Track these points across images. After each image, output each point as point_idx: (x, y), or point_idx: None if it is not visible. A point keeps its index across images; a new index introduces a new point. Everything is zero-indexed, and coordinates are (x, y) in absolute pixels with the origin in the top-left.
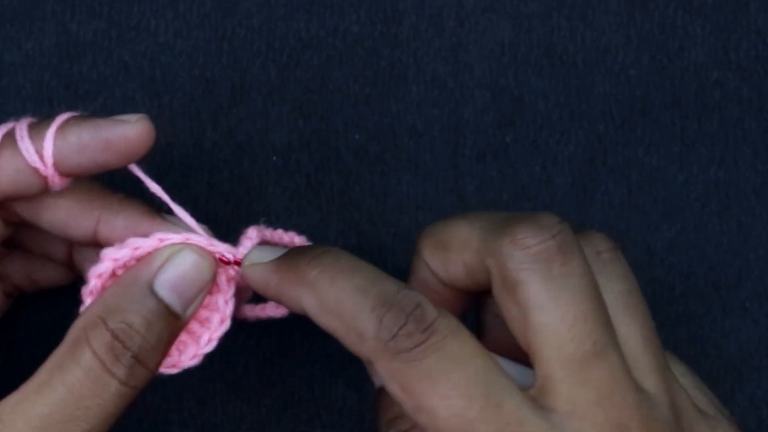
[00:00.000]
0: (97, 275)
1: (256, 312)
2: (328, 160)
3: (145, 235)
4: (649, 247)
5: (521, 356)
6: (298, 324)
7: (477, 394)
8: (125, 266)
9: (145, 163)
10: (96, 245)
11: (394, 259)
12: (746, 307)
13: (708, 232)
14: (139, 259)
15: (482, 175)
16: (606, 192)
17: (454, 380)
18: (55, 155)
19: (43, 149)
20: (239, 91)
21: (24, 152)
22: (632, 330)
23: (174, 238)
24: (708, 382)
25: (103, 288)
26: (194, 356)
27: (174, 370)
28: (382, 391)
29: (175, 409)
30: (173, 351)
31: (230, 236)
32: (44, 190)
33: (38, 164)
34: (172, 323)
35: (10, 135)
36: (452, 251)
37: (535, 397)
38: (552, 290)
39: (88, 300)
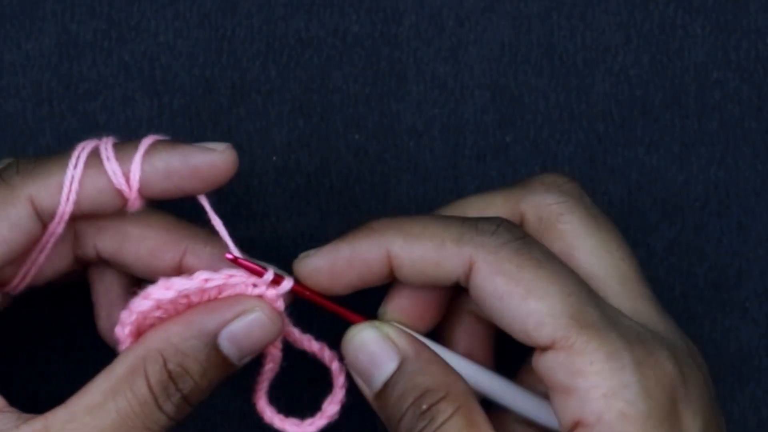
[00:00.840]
0: (139, 311)
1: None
2: (328, 160)
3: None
4: (649, 247)
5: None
6: (298, 324)
7: (580, 282)
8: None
9: None
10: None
11: None
12: (746, 307)
13: (708, 232)
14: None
15: (482, 175)
16: (606, 192)
17: (560, 268)
18: (141, 180)
19: (129, 172)
20: (239, 91)
21: (111, 174)
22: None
23: (216, 278)
24: None
25: (141, 322)
26: None
27: None
28: (385, 389)
29: None
30: None
31: (230, 236)
32: (119, 210)
33: (123, 187)
34: (226, 370)
35: (95, 153)
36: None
37: None
38: (593, 217)
39: (126, 328)
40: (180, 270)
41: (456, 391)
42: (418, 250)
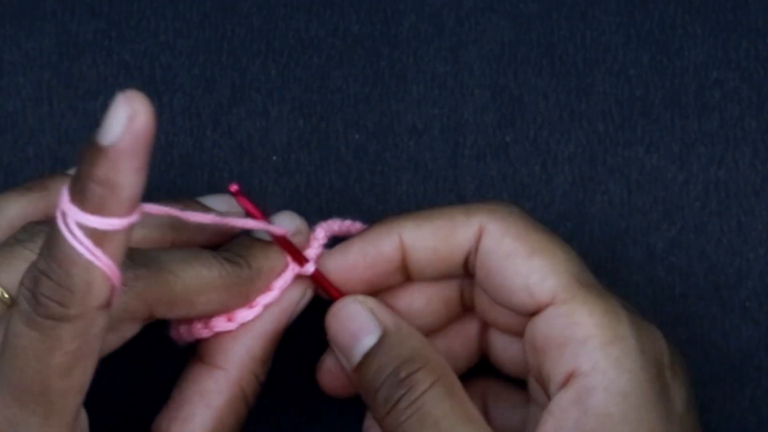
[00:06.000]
0: (220, 331)
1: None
2: (328, 160)
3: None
4: (649, 247)
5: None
6: (297, 324)
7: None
8: None
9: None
10: None
11: None
12: (746, 307)
13: (708, 232)
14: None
15: (482, 174)
16: (606, 192)
17: (561, 239)
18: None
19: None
20: (239, 91)
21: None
22: None
23: (272, 295)
24: (708, 382)
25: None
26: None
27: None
28: (365, 360)
29: None
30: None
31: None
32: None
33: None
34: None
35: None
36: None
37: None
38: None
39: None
40: None
41: (435, 363)
42: (429, 227)
